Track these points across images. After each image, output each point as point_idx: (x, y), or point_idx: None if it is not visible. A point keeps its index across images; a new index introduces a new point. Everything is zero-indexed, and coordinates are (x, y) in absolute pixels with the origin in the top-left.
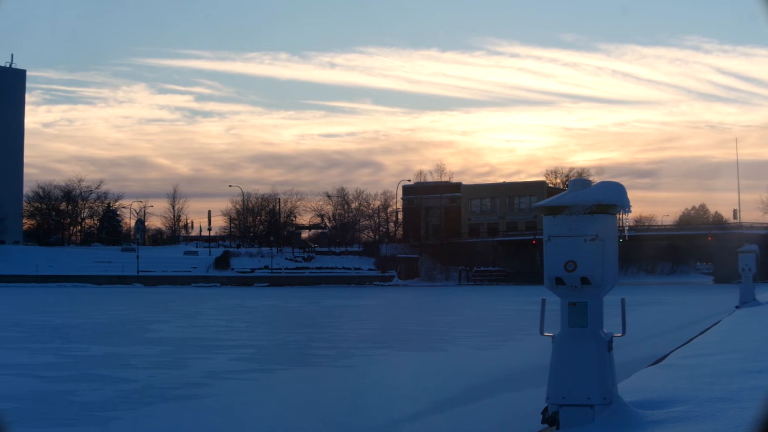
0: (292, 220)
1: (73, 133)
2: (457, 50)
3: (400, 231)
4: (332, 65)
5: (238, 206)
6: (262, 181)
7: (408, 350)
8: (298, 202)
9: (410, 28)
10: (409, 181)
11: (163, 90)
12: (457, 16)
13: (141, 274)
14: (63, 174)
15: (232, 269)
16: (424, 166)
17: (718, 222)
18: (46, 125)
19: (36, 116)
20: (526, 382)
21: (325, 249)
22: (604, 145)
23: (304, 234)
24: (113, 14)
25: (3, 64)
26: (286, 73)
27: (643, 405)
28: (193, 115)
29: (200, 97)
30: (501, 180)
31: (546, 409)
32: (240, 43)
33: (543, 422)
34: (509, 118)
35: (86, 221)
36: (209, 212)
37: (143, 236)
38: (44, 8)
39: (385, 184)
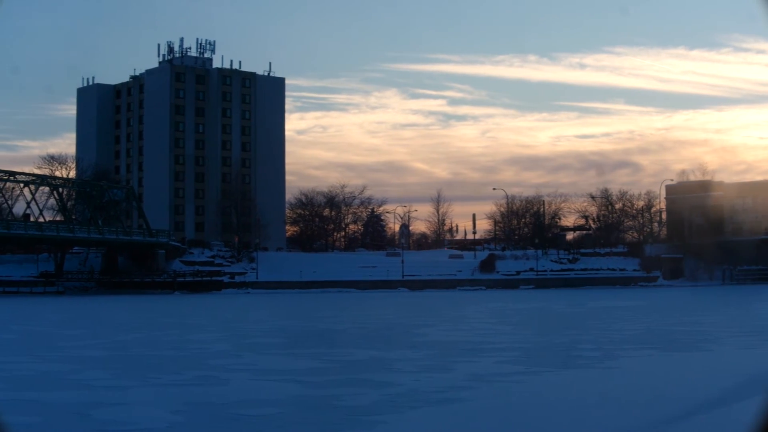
0: (557, 222)
1: (327, 139)
2: (704, 48)
3: (663, 231)
4: (582, 66)
5: (502, 209)
6: (521, 184)
7: (672, 351)
8: (562, 204)
9: (656, 27)
10: (672, 180)
11: (415, 95)
12: (701, 13)
13: (406, 278)
14: (320, 180)
15: (497, 272)
16: (680, 165)
17: None
18: (299, 132)
19: (289, 124)
20: None
21: (590, 250)
22: None
23: (569, 236)
24: (361, 22)
25: (261, 73)
26: (537, 75)
27: None
28: (447, 119)
29: (453, 101)
30: (758, 178)
31: None
32: (488, 46)
33: None
34: (762, 115)
35: (350, 227)
36: (473, 215)
37: (408, 240)
38: (292, 17)
39: (644, 184)
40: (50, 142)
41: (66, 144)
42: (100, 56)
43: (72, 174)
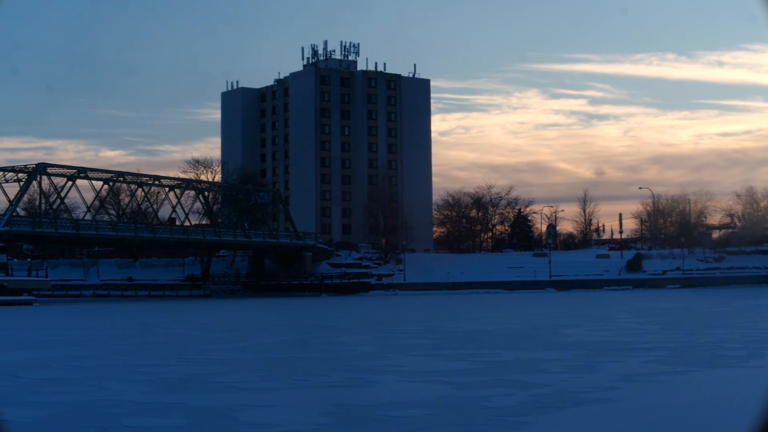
0: (702, 221)
1: (470, 140)
2: None
3: None
4: (720, 64)
5: (648, 208)
6: (665, 183)
7: None
8: (708, 203)
9: None
10: None
11: (556, 95)
12: None
13: (553, 278)
14: (464, 181)
15: (644, 271)
16: None
17: None
18: (442, 134)
19: (432, 125)
20: None
21: (735, 249)
22: None
23: (714, 234)
24: (501, 23)
25: (406, 75)
26: (676, 73)
27: None
28: (588, 118)
29: (593, 101)
30: None
31: None
32: (626, 45)
33: None
34: None
35: (497, 228)
36: (620, 215)
37: (555, 241)
38: (433, 19)
39: None
40: (192, 147)
41: (208, 148)
42: (244, 60)
43: (217, 177)
